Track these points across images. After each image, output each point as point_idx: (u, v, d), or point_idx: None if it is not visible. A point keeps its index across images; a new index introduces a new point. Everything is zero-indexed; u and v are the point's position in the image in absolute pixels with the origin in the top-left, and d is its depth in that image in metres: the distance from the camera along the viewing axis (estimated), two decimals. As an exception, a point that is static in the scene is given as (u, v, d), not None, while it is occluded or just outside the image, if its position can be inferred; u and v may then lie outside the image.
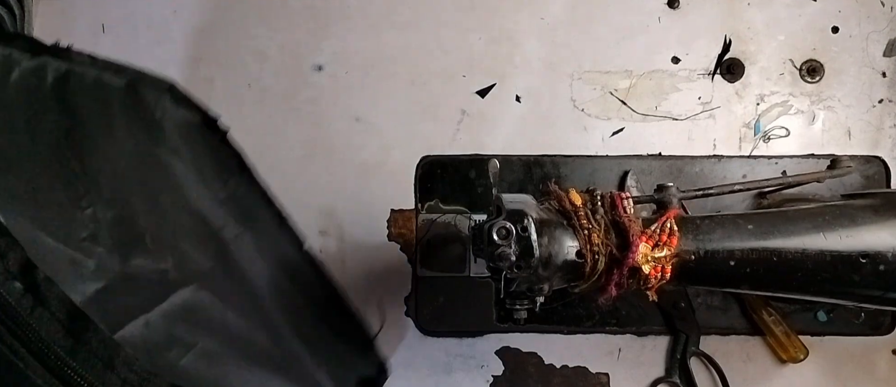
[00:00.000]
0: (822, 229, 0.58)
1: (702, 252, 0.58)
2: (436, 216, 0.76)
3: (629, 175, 0.75)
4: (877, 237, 0.57)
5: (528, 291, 0.59)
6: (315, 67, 0.78)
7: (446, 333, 0.76)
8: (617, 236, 0.58)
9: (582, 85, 0.77)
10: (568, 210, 0.58)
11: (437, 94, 0.78)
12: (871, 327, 0.74)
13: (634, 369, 0.75)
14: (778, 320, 0.72)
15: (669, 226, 0.58)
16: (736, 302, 0.75)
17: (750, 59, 0.77)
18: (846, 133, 0.76)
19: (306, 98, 0.78)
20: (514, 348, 0.76)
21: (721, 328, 0.75)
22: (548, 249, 0.55)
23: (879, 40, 0.76)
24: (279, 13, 0.78)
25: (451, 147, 0.77)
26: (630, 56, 0.77)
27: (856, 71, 0.76)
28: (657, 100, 0.77)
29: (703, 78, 0.77)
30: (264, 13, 0.79)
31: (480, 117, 0.77)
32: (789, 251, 0.58)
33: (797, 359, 0.72)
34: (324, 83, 0.78)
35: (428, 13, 0.78)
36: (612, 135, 0.77)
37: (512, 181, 0.76)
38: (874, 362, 0.74)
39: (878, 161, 0.75)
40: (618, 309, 0.75)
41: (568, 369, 0.75)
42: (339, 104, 0.78)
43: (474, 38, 0.78)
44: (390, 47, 0.78)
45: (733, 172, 0.75)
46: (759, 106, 0.76)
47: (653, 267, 0.57)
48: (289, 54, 0.78)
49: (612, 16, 0.78)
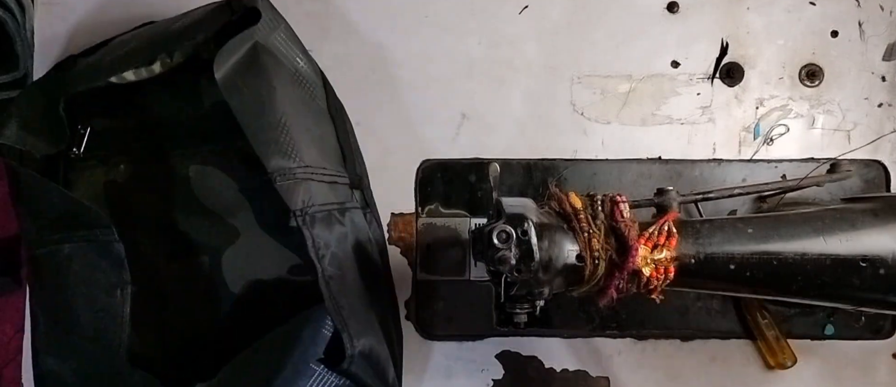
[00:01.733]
0: (822, 233, 0.58)
1: (702, 256, 0.58)
2: (436, 220, 0.76)
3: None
4: (877, 241, 0.58)
5: (529, 294, 0.59)
6: (315, 71, 0.78)
7: (446, 336, 0.76)
8: (616, 240, 0.58)
9: (582, 89, 0.77)
10: (568, 213, 0.58)
11: (438, 98, 0.78)
12: (871, 331, 0.74)
13: (634, 373, 0.75)
14: (771, 324, 0.72)
15: (668, 228, 0.58)
16: (733, 305, 0.74)
17: (749, 62, 0.77)
18: (846, 137, 0.76)
19: (306, 102, 0.78)
20: (514, 351, 0.75)
21: (721, 332, 0.74)
22: (548, 253, 0.55)
23: (879, 44, 0.76)
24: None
25: (451, 151, 0.77)
26: (630, 60, 0.77)
27: (855, 75, 0.76)
28: (657, 104, 0.77)
29: (702, 82, 0.77)
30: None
31: (480, 121, 0.77)
32: (789, 255, 0.58)
33: (784, 365, 0.72)
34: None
35: (428, 17, 0.78)
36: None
37: (512, 185, 0.76)
38: (874, 367, 0.74)
39: (878, 165, 0.75)
40: (618, 313, 0.75)
41: (568, 372, 0.75)
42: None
43: (474, 42, 0.78)
44: (390, 51, 0.78)
45: (733, 175, 0.75)
46: (758, 110, 0.76)
47: (653, 269, 0.57)
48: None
49: (611, 20, 0.78)
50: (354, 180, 0.71)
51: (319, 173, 0.65)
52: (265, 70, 0.64)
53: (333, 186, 0.67)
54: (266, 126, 0.62)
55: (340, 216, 0.66)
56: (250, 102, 0.63)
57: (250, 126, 0.62)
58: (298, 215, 0.61)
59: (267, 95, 0.63)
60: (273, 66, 0.65)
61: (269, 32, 0.66)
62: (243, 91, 0.63)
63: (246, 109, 0.62)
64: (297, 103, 0.67)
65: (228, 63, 0.63)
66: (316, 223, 0.62)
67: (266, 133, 0.62)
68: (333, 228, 0.64)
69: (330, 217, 0.64)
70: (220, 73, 0.62)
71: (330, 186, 0.66)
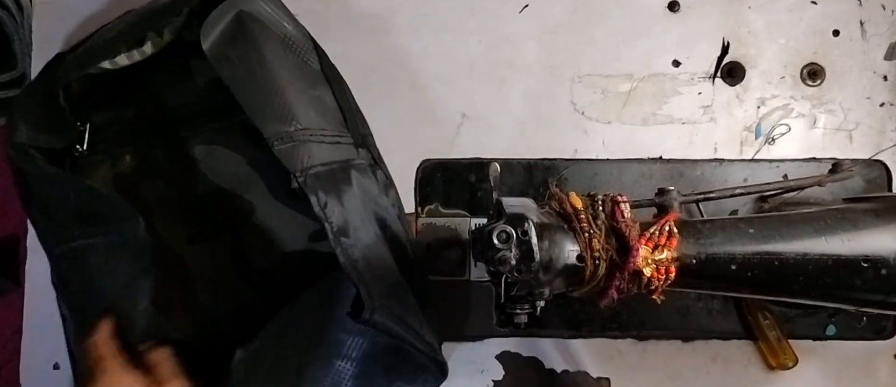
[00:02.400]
0: (824, 233, 0.58)
1: (703, 256, 0.58)
2: (436, 220, 0.76)
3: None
4: (878, 241, 0.57)
5: (529, 295, 0.58)
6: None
7: (446, 337, 0.75)
8: (617, 240, 0.57)
9: (582, 88, 0.77)
10: (569, 213, 0.58)
11: (438, 98, 0.77)
12: (873, 332, 0.73)
13: (635, 373, 0.75)
14: (773, 325, 0.72)
15: (669, 228, 0.58)
16: (734, 306, 0.74)
17: (750, 62, 0.76)
18: (848, 137, 0.75)
19: (306, 101, 0.78)
20: (514, 352, 0.75)
21: (723, 333, 0.74)
22: (548, 253, 0.55)
23: (880, 44, 0.76)
24: (279, 16, 0.78)
25: (451, 151, 0.77)
26: (630, 59, 0.77)
27: (857, 74, 0.76)
28: (658, 103, 0.76)
29: (703, 81, 0.77)
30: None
31: (481, 121, 0.77)
32: (791, 255, 0.58)
33: (786, 366, 0.71)
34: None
35: (427, 16, 0.78)
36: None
37: (512, 185, 0.76)
38: (876, 367, 0.74)
39: (880, 165, 0.75)
40: (618, 314, 0.75)
41: (568, 373, 0.75)
42: (339, 107, 0.77)
43: (474, 42, 0.78)
44: (390, 51, 0.78)
45: (734, 175, 0.75)
46: (760, 109, 0.76)
47: (654, 270, 0.57)
48: (288, 57, 0.78)
49: (612, 19, 0.77)
50: (358, 139, 0.71)
51: (318, 134, 0.64)
52: (252, 37, 0.64)
53: (336, 145, 0.66)
54: (259, 93, 0.62)
55: (344, 174, 0.65)
56: (241, 71, 0.62)
57: (243, 94, 0.61)
58: (299, 177, 0.60)
59: (257, 61, 0.63)
60: (260, 32, 0.65)
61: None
62: (233, 60, 0.62)
63: (237, 78, 0.62)
64: (291, 67, 0.67)
65: (214, 34, 0.62)
66: (319, 182, 0.61)
67: (260, 100, 0.62)
68: (339, 186, 0.63)
69: (333, 175, 0.63)
70: (207, 45, 0.61)
71: (332, 145, 0.66)
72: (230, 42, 0.63)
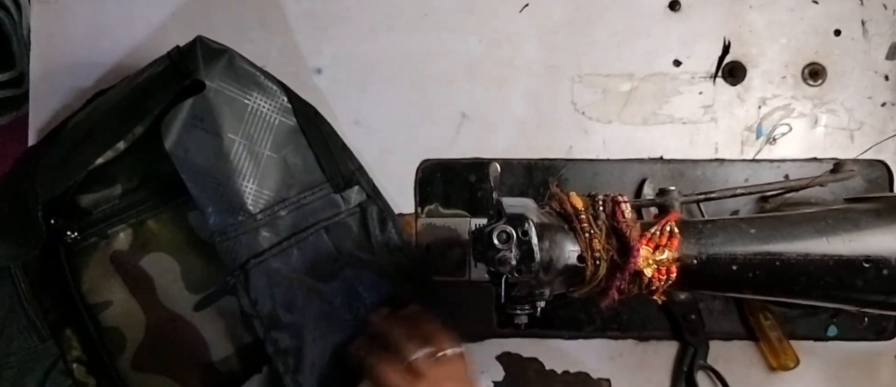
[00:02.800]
0: (825, 233, 0.58)
1: (704, 256, 0.58)
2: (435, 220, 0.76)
3: (646, 183, 0.74)
4: (880, 241, 0.57)
5: (529, 295, 0.58)
6: (314, 70, 0.78)
7: (446, 338, 0.75)
8: (618, 241, 0.57)
9: (583, 88, 0.77)
10: (569, 214, 0.58)
11: (437, 97, 0.77)
12: (874, 333, 0.73)
13: (636, 374, 0.75)
14: (774, 326, 0.72)
15: (670, 228, 0.58)
16: (736, 306, 0.74)
17: (752, 62, 0.76)
18: (849, 137, 0.75)
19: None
20: (514, 353, 0.75)
21: (723, 333, 0.74)
22: (549, 254, 0.55)
23: (882, 43, 0.75)
24: (278, 16, 0.78)
25: (451, 150, 0.77)
26: (631, 59, 0.77)
27: (858, 74, 0.75)
28: (658, 103, 0.76)
29: (704, 81, 0.76)
30: (263, 16, 0.78)
31: (481, 121, 0.77)
32: (792, 255, 0.57)
33: (787, 367, 0.71)
34: (323, 86, 0.77)
35: (427, 16, 0.78)
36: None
37: (512, 185, 0.76)
38: (877, 368, 0.74)
39: (881, 165, 0.74)
40: (619, 314, 0.74)
41: (569, 374, 0.75)
42: (339, 107, 0.77)
43: (474, 41, 0.78)
44: (390, 50, 0.78)
45: (735, 175, 0.75)
46: (761, 109, 0.76)
47: (655, 270, 0.57)
48: (288, 57, 0.78)
49: (612, 18, 0.77)
50: (339, 183, 0.71)
51: (275, 208, 0.68)
52: (210, 123, 0.66)
53: (300, 209, 0.69)
54: (210, 184, 0.66)
55: (299, 248, 0.69)
56: (196, 163, 0.66)
57: (194, 188, 0.66)
58: (236, 274, 0.66)
59: (213, 150, 0.66)
60: (218, 116, 0.66)
61: (214, 74, 0.66)
62: (190, 152, 0.66)
63: (191, 171, 0.66)
64: (254, 140, 0.68)
65: (175, 129, 0.65)
66: (258, 274, 0.67)
67: (210, 191, 0.66)
68: (283, 268, 0.68)
69: (283, 255, 0.68)
70: (168, 144, 0.65)
71: (295, 212, 0.69)
72: (188, 135, 0.65)
